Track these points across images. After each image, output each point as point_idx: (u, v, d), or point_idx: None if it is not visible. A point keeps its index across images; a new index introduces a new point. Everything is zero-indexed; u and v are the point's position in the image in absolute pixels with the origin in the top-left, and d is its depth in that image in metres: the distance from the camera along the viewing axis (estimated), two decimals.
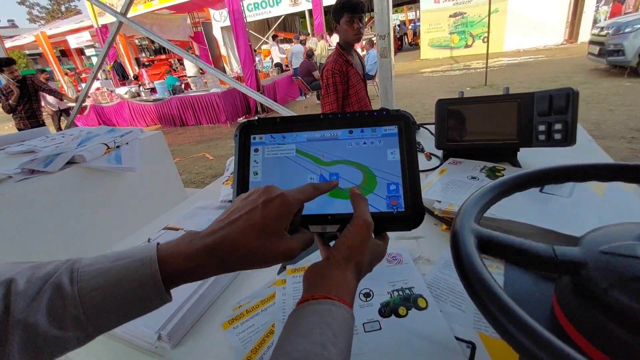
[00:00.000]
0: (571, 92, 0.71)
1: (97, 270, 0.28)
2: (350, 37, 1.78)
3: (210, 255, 0.30)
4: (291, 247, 0.33)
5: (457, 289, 0.47)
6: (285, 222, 0.33)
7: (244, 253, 0.30)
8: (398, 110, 0.48)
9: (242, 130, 0.50)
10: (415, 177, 0.45)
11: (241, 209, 0.32)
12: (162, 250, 0.30)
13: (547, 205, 0.58)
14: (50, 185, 1.32)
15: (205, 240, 0.30)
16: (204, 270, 0.30)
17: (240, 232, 0.30)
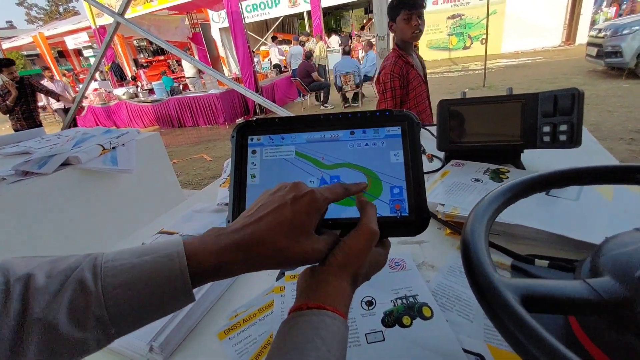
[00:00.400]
0: (576, 93, 0.69)
1: (122, 266, 0.26)
2: (407, 36, 1.62)
3: (238, 252, 0.28)
4: (319, 247, 0.31)
5: (463, 297, 0.45)
6: (314, 221, 0.32)
7: (273, 252, 0.29)
8: (401, 110, 0.46)
9: (239, 131, 0.48)
10: (420, 180, 0.43)
11: (269, 205, 0.31)
12: (188, 245, 0.28)
13: (554, 208, 0.56)
14: (45, 187, 1.30)
15: (234, 237, 0.29)
16: (231, 268, 0.29)
17: (269, 230, 0.29)
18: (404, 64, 1.65)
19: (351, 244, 0.33)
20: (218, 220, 0.70)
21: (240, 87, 3.06)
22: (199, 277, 0.28)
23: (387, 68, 1.65)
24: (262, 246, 0.29)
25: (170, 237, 0.66)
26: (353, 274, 0.32)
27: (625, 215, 0.53)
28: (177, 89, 7.06)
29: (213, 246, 0.28)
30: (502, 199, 0.40)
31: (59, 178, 1.34)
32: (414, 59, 1.74)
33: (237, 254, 0.28)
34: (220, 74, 3.32)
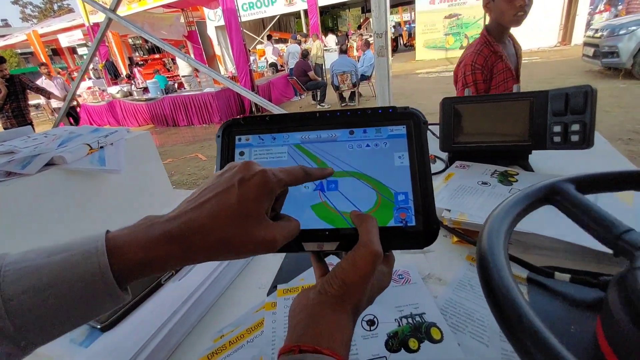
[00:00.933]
0: (589, 90, 0.65)
1: (26, 268, 0.22)
2: (507, 18, 1.30)
3: (173, 243, 0.24)
4: (272, 235, 0.27)
5: (476, 316, 0.40)
6: (265, 204, 0.27)
7: (215, 240, 0.25)
8: (407, 108, 0.41)
9: (225, 130, 0.43)
10: (428, 185, 0.38)
11: (214, 188, 0.27)
12: (113, 239, 0.24)
13: None
14: (28, 188, 1.24)
15: (167, 226, 0.25)
16: (165, 261, 0.24)
17: (210, 216, 0.25)
18: (490, 54, 1.32)
19: (349, 269, 0.28)
20: None
21: (236, 86, 2.99)
22: (127, 274, 0.24)
23: (467, 58, 1.33)
24: (201, 236, 0.25)
25: None
26: (354, 305, 0.27)
27: None
28: (172, 88, 6.98)
29: (143, 237, 0.24)
30: (523, 205, 0.36)
31: (44, 179, 1.27)
32: (507, 48, 1.38)
33: (171, 246, 0.24)
34: (216, 73, 3.26)
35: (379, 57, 2.07)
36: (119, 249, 0.24)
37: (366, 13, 17.67)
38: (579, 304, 0.41)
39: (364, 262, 0.28)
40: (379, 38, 2.04)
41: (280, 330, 0.42)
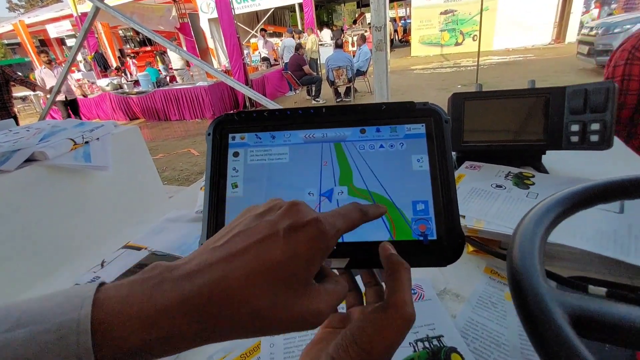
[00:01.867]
0: (611, 86, 0.61)
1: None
2: None
3: (187, 317, 0.16)
4: (318, 308, 0.20)
5: (501, 340, 0.36)
6: (317, 266, 0.20)
7: (244, 315, 0.17)
8: (426, 104, 0.36)
9: (217, 127, 0.37)
10: (451, 193, 0.33)
11: (251, 233, 0.20)
12: (100, 305, 0.16)
13: (596, 223, 0.47)
14: (6, 185, 1.16)
15: (182, 288, 0.17)
16: (170, 343, 0.16)
17: (245, 277, 0.18)
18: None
19: (374, 336, 0.21)
20: (196, 231, 0.59)
21: (230, 80, 2.91)
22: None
23: (628, 42, 1.02)
24: (228, 305, 0.17)
25: (137, 252, 0.55)
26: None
27: None
28: (164, 81, 6.83)
29: (144, 307, 0.16)
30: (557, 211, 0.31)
31: (23, 175, 1.20)
32: None
33: (184, 320, 0.16)
34: (209, 66, 3.17)
35: (377, 51, 2.02)
36: (108, 326, 0.16)
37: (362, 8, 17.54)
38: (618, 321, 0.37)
39: (394, 328, 0.21)
40: (378, 32, 1.99)
41: (280, 354, 0.37)
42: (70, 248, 1.27)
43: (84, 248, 1.30)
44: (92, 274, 0.51)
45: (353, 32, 11.46)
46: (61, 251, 1.24)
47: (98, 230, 1.36)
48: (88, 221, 1.35)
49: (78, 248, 1.29)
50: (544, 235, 0.28)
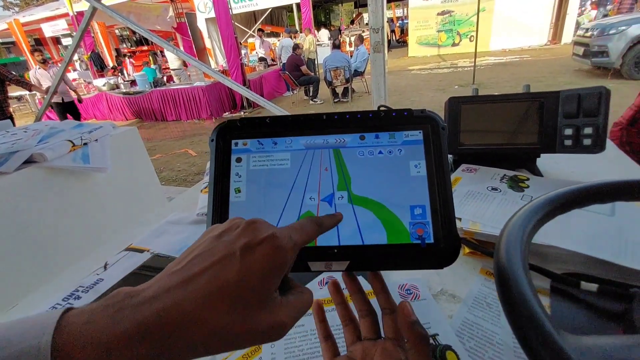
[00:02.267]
0: (604, 91, 0.63)
1: None
2: None
3: (144, 342, 0.17)
4: (280, 320, 0.21)
5: (496, 340, 0.37)
6: (275, 280, 0.21)
7: (203, 336, 0.18)
8: (424, 111, 0.37)
9: (220, 133, 0.38)
10: (448, 198, 0.34)
11: (208, 255, 0.21)
12: (63, 331, 0.17)
13: (587, 225, 0.49)
14: (5, 187, 1.16)
15: (140, 313, 0.18)
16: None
17: (200, 301, 0.18)
18: None
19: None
20: (197, 233, 0.60)
21: (227, 80, 2.91)
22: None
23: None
24: (185, 328, 0.18)
25: (140, 254, 0.56)
26: None
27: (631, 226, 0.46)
28: (161, 81, 6.81)
29: (104, 332, 0.17)
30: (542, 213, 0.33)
31: (22, 177, 1.20)
32: None
33: (141, 345, 0.17)
34: (206, 66, 3.17)
35: (374, 52, 2.03)
36: (69, 351, 0.16)
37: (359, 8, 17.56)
38: (604, 314, 0.38)
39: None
40: (375, 33, 2.00)
41: (281, 355, 0.38)
42: (70, 249, 1.27)
43: (84, 249, 1.30)
44: (96, 276, 0.51)
45: (351, 32, 11.48)
46: (61, 253, 1.25)
47: (97, 232, 1.36)
48: (87, 223, 1.36)
49: (78, 249, 1.29)
50: (529, 234, 0.29)
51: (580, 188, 0.33)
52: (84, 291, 0.49)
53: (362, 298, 0.34)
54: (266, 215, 0.35)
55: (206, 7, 9.92)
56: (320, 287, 0.47)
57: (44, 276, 1.18)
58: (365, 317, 0.33)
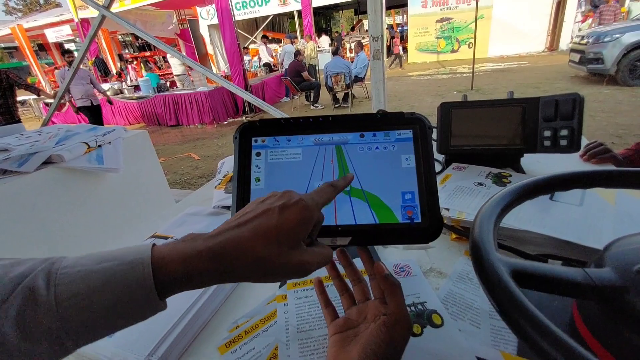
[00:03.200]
0: (577, 98, 0.70)
1: (79, 273, 0.23)
2: None
3: (212, 260, 0.25)
4: (306, 260, 0.29)
5: (474, 305, 0.44)
6: (304, 231, 0.29)
7: (251, 261, 0.26)
8: (413, 113, 0.44)
9: (242, 132, 0.45)
10: (433, 185, 0.42)
11: (255, 210, 0.29)
12: (157, 252, 0.26)
13: (558, 213, 0.56)
14: (25, 186, 1.23)
15: (208, 242, 0.26)
16: (203, 277, 0.26)
17: (249, 237, 0.27)
18: None
19: (385, 347, 0.31)
20: (214, 223, 0.67)
21: (231, 85, 3.00)
22: (168, 286, 0.25)
23: None
24: (239, 254, 0.26)
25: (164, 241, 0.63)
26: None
27: (629, 220, 0.53)
28: (164, 86, 6.91)
29: (184, 252, 0.25)
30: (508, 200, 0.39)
31: (41, 177, 1.27)
32: None
33: (210, 262, 0.25)
34: (210, 72, 3.26)
35: (374, 59, 2.11)
36: (162, 262, 0.25)
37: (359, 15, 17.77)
38: None
39: (401, 337, 0.31)
40: (375, 41, 2.08)
41: (293, 319, 0.45)
42: (85, 243, 1.34)
43: (98, 243, 1.37)
44: None
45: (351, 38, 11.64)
46: (77, 246, 1.32)
47: (110, 227, 1.43)
48: (101, 219, 1.43)
49: (92, 243, 1.36)
50: (497, 217, 0.36)
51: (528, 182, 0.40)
52: None
53: (353, 269, 0.41)
54: None
55: (209, 13, 10.07)
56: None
57: None
58: (356, 284, 0.40)
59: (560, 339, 0.22)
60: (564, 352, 0.21)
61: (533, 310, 0.24)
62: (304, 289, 0.50)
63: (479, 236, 0.33)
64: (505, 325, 0.27)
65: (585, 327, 0.34)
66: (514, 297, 0.26)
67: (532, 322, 0.24)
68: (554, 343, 0.22)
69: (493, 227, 0.34)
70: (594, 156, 0.83)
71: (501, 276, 0.28)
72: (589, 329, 0.33)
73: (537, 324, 0.23)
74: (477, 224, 0.35)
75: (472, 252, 0.31)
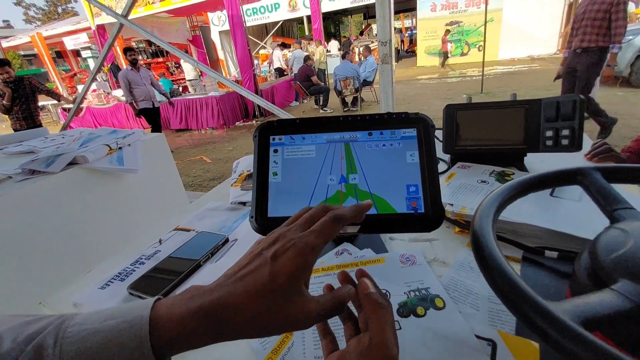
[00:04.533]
0: (577, 99, 0.73)
1: (85, 331, 0.24)
2: None
3: (204, 318, 0.25)
4: (308, 310, 0.27)
5: (474, 291, 0.47)
6: (300, 279, 0.27)
7: (246, 318, 0.25)
8: (417, 114, 0.48)
9: (261, 131, 0.50)
10: (435, 179, 0.46)
11: (251, 264, 0.28)
12: (158, 309, 0.25)
13: (557, 208, 0.59)
14: (52, 186, 1.31)
15: (202, 299, 0.25)
16: (200, 337, 0.25)
17: (244, 292, 0.26)
18: None
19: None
20: (233, 217, 0.72)
21: (243, 90, 3.08)
22: (165, 347, 0.24)
23: None
24: (232, 312, 0.25)
25: (187, 233, 0.68)
26: None
27: None
28: (177, 91, 7.07)
29: (180, 311, 0.25)
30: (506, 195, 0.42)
31: (66, 177, 1.35)
32: None
33: (202, 321, 0.24)
34: (224, 77, 3.35)
35: (383, 64, 2.16)
36: (160, 320, 0.24)
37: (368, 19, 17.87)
38: (560, 274, 0.48)
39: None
40: (384, 46, 2.13)
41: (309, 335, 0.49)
42: (107, 238, 1.41)
43: (119, 238, 1.45)
44: (154, 248, 0.63)
45: (360, 42, 11.72)
46: (99, 241, 1.39)
47: (130, 224, 1.50)
48: (121, 216, 1.50)
49: (113, 238, 1.43)
50: (497, 210, 0.40)
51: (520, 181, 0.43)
52: (147, 259, 0.61)
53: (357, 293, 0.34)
54: (297, 191, 0.47)
55: (220, 20, 10.29)
56: (337, 256, 0.58)
57: (87, 260, 1.32)
58: (361, 310, 0.34)
59: (553, 315, 0.24)
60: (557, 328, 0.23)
61: (528, 291, 0.26)
62: (316, 276, 0.54)
63: (479, 227, 0.36)
64: (503, 307, 0.30)
65: None
66: (511, 281, 0.28)
67: (528, 302, 0.26)
68: (548, 319, 0.24)
69: (492, 218, 0.37)
70: (596, 155, 0.86)
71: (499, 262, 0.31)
72: None
73: (532, 303, 0.26)
74: (477, 216, 0.38)
75: (473, 241, 0.35)
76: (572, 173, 0.43)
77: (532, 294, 0.27)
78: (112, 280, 0.57)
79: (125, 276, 0.57)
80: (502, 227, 0.58)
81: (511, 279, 0.28)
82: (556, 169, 0.44)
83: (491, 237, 0.35)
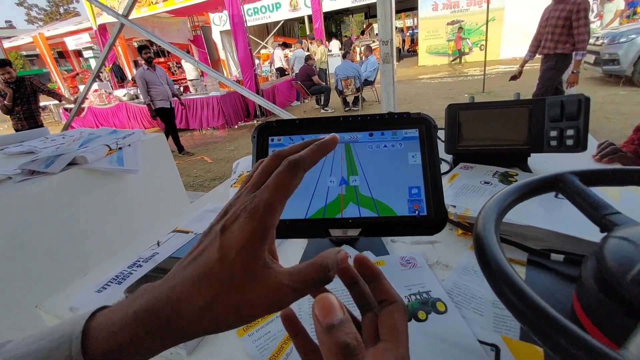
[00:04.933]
0: (582, 99, 0.71)
1: (14, 357, 0.21)
2: None
3: (149, 319, 0.20)
4: (277, 285, 0.21)
5: (478, 295, 0.46)
6: (260, 249, 0.21)
7: (195, 311, 0.20)
8: (419, 114, 0.47)
9: (260, 131, 0.49)
10: (437, 180, 0.44)
11: (200, 243, 0.23)
12: (98, 317, 0.21)
13: (562, 210, 0.58)
14: (52, 186, 1.31)
15: (146, 297, 0.21)
16: (142, 345, 0.20)
17: (190, 280, 0.21)
18: None
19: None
20: None
21: (244, 90, 3.07)
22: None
23: None
24: (179, 305, 0.20)
25: (185, 235, 0.67)
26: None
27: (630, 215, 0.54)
28: (178, 91, 7.07)
29: (120, 315, 0.20)
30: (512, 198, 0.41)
31: (66, 177, 1.34)
32: None
33: (145, 323, 0.20)
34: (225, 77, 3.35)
35: (384, 63, 2.14)
36: (95, 331, 0.20)
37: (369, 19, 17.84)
38: (566, 277, 0.47)
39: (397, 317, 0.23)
40: (385, 45, 2.11)
41: (305, 305, 0.48)
42: (107, 239, 1.40)
43: (118, 239, 1.44)
44: (152, 251, 0.63)
45: (361, 42, 11.70)
46: (99, 241, 1.38)
47: (130, 225, 1.50)
48: (121, 217, 1.49)
49: (113, 239, 1.43)
50: (500, 213, 0.39)
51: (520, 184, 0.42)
52: (144, 261, 0.60)
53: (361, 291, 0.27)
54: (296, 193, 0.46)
55: (221, 20, 10.29)
56: None
57: (86, 261, 1.31)
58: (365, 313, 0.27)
59: (559, 321, 0.23)
60: (564, 335, 0.22)
61: (533, 296, 0.26)
62: None
63: (482, 229, 0.35)
64: (507, 313, 0.29)
65: (585, 316, 0.35)
66: (515, 285, 0.27)
67: (532, 307, 0.25)
68: (553, 325, 0.23)
69: (495, 221, 0.36)
70: (604, 157, 0.86)
71: (501, 264, 0.30)
72: (589, 317, 0.35)
73: (536, 309, 0.25)
74: (480, 219, 0.37)
75: (475, 244, 0.34)
76: (553, 180, 0.42)
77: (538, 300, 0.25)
78: (109, 284, 0.56)
79: (122, 279, 0.57)
80: (507, 229, 0.56)
81: (515, 284, 0.27)
82: (538, 177, 0.42)
83: (494, 240, 0.34)
